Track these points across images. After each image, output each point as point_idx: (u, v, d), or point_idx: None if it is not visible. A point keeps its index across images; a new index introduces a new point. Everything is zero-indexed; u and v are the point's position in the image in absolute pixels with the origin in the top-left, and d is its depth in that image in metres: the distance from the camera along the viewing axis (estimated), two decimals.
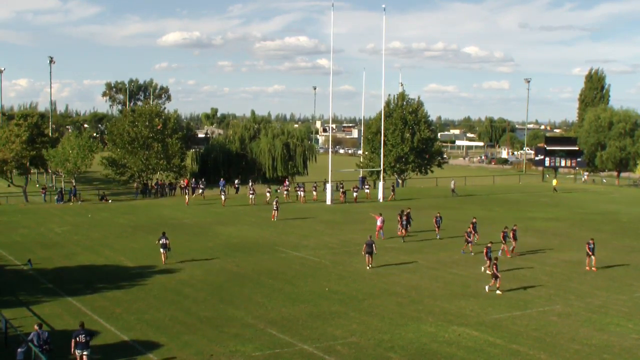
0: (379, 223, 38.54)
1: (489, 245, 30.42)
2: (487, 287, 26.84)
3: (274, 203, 47.28)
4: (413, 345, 20.46)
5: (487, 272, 28.72)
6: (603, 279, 29.55)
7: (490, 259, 28.82)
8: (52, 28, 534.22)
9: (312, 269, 31.14)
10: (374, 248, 31.79)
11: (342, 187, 59.36)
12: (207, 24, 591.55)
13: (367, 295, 26.22)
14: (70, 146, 59.58)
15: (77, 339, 18.47)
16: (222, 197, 54.13)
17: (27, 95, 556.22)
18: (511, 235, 34.19)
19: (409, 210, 40.50)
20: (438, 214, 40.32)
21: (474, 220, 37.13)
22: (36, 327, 18.75)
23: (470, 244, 34.52)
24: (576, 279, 29.50)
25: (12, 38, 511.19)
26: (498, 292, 26.37)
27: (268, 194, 56.32)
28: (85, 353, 18.44)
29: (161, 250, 32.69)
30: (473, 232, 35.59)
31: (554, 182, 71.73)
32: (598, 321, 23.19)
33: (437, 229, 39.33)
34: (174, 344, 20.39)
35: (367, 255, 31.77)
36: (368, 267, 31.37)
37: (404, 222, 38.67)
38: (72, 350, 18.44)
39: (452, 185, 65.14)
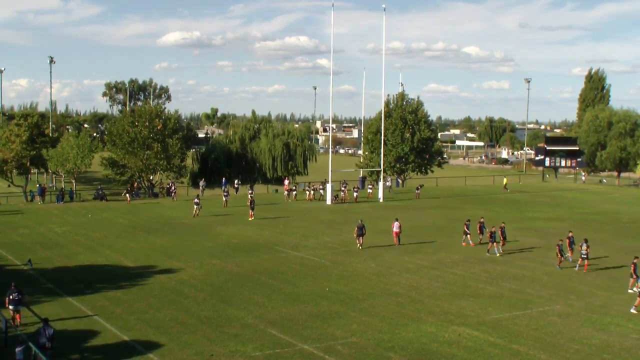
0: (395, 229, 36.97)
1: (635, 261, 27.37)
2: (632, 309, 24.24)
3: (249, 203, 48.00)
4: (413, 345, 20.45)
5: (635, 289, 25.65)
6: (603, 279, 29.55)
7: (638, 276, 26.22)
8: (53, 28, 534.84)
9: (312, 269, 31.14)
10: (364, 230, 35.39)
11: (345, 187, 59.59)
12: (208, 24, 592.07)
13: (367, 295, 26.21)
14: (69, 146, 59.54)
15: (10, 297, 21.59)
16: (224, 198, 54.23)
17: (27, 95, 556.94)
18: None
19: (482, 220, 37.67)
20: (503, 224, 35.76)
21: (571, 234, 33.92)
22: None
23: (563, 258, 31.43)
24: (576, 279, 29.50)
25: (12, 38, 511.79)
26: (633, 310, 24.10)
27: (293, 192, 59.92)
28: (18, 309, 21.74)
29: (195, 207, 47.53)
30: (569, 247, 33.02)
31: (504, 180, 71.81)
32: (598, 321, 23.18)
33: (503, 241, 34.90)
34: (174, 344, 20.39)
35: (358, 237, 35.45)
36: (359, 247, 35.21)
37: (495, 235, 34.34)
38: (7, 305, 21.69)
39: (388, 183, 66.76)
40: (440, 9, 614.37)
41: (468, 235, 36.84)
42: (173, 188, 60.04)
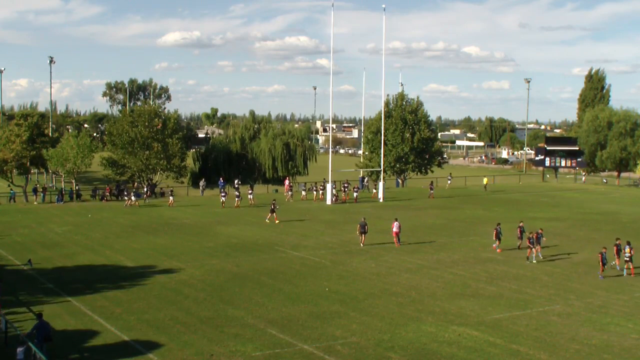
0: (395, 229, 36.68)
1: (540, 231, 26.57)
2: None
3: (271, 205, 45.10)
4: (413, 345, 20.45)
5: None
6: (603, 279, 29.50)
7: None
8: (53, 28, 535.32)
9: (312, 269, 31.13)
10: (367, 228, 36.03)
11: (347, 187, 59.77)
12: (208, 24, 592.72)
13: (367, 295, 26.20)
14: (69, 146, 59.52)
15: None
16: (222, 198, 52.82)
17: (27, 95, 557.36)
18: None
19: (540, 231, 34.19)
20: (540, 230, 34.03)
21: (618, 242, 31.53)
22: None
23: (605, 267, 29.70)
24: (576, 279, 29.49)
25: (12, 38, 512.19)
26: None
27: (303, 192, 60.34)
28: None
29: (236, 199, 52.44)
30: (617, 255, 31.07)
31: (485, 180, 71.70)
32: (598, 321, 23.17)
33: (539, 248, 33.14)
34: (174, 344, 20.39)
35: (361, 234, 36.01)
36: (361, 245, 35.72)
37: (533, 240, 32.74)
38: None
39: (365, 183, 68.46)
40: (440, 9, 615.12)
41: (498, 240, 35.17)
42: (145, 189, 57.47)
